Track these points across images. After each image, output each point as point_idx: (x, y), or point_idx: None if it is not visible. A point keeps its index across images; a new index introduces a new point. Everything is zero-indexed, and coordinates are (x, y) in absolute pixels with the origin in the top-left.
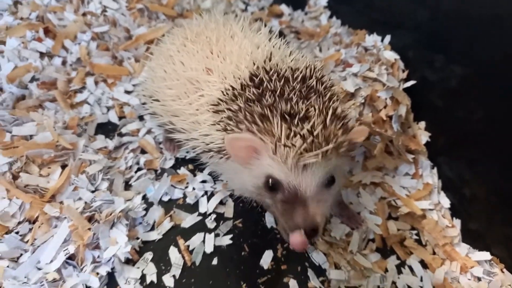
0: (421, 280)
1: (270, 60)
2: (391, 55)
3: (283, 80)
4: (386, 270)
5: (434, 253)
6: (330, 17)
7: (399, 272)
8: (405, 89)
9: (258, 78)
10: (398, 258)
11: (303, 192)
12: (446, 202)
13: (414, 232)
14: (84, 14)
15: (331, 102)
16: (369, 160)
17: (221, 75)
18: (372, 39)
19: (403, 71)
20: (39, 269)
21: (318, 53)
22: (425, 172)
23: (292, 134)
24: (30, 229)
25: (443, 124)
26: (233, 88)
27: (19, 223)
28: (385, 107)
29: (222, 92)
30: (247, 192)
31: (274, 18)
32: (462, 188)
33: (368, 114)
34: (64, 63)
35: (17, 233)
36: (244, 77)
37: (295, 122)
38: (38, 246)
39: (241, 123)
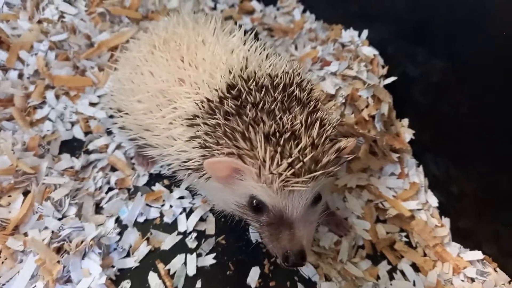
0: (414, 285)
1: (246, 67)
2: (369, 51)
3: (263, 90)
4: (378, 277)
5: (425, 254)
6: (304, 11)
7: (391, 278)
8: (386, 86)
9: (236, 89)
10: (389, 263)
11: (289, 214)
12: (434, 201)
13: (404, 234)
14: (39, 22)
15: (316, 113)
16: (353, 162)
17: (194, 85)
18: (348, 35)
19: (383, 67)
20: None
21: (294, 51)
22: (411, 171)
23: (278, 159)
24: None
25: (426, 120)
26: (209, 100)
27: None
28: (367, 106)
29: (197, 104)
30: (229, 209)
31: (245, 15)
32: (449, 186)
33: (350, 114)
34: (20, 76)
35: None
36: (221, 88)
37: (281, 143)
38: (3, 285)
39: (221, 139)
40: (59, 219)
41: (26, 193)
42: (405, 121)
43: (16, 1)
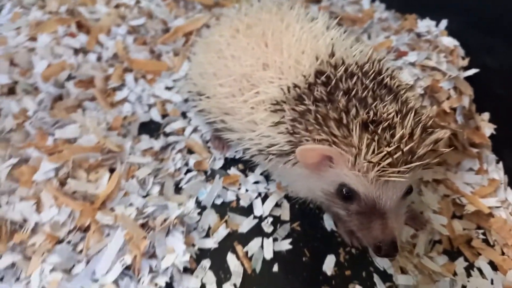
0: (492, 283)
1: (333, 54)
2: (449, 41)
3: (354, 77)
4: (455, 273)
5: (503, 253)
6: (373, 1)
7: (468, 275)
8: (466, 78)
9: (325, 76)
10: (466, 260)
11: (382, 205)
12: None
13: (481, 231)
14: (117, 6)
15: (409, 102)
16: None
17: (278, 71)
18: (425, 24)
19: (463, 58)
20: (95, 280)
21: (367, 41)
22: (490, 167)
23: (375, 147)
24: (82, 238)
25: (508, 114)
26: (296, 86)
27: (70, 232)
28: (447, 98)
29: (282, 89)
30: (312, 196)
31: (313, 3)
32: None
33: (428, 106)
34: (99, 59)
35: (68, 242)
36: (309, 74)
37: (378, 131)
38: (92, 256)
39: (311, 125)
40: (143, 197)
41: (111, 170)
42: (486, 115)
43: None
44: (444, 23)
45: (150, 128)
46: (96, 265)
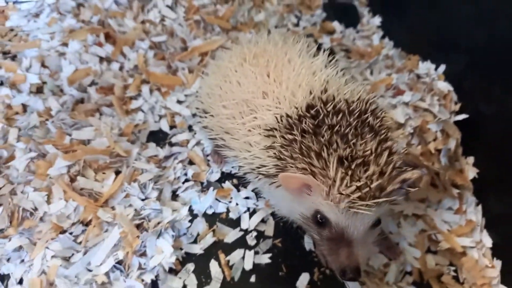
0: None
1: (326, 90)
2: (444, 86)
3: (340, 114)
4: None
5: None
6: (383, 37)
7: None
8: (456, 122)
9: (315, 110)
10: None
11: (350, 233)
12: (488, 241)
13: (452, 268)
14: (143, 22)
15: (386, 142)
16: (413, 192)
17: (275, 100)
18: (425, 67)
19: (456, 103)
20: (89, 270)
21: (369, 76)
22: (469, 209)
23: (348, 181)
24: (83, 231)
25: (493, 160)
26: (288, 116)
27: (73, 224)
28: (434, 139)
29: (276, 118)
30: (292, 217)
31: (326, 35)
32: (507, 228)
33: (416, 145)
34: (121, 68)
35: (70, 233)
36: (301, 106)
37: (352, 167)
38: (90, 248)
39: (296, 154)
40: (142, 200)
41: (117, 173)
42: (471, 159)
43: (123, 1)
44: (442, 67)
45: (158, 137)
46: (92, 257)
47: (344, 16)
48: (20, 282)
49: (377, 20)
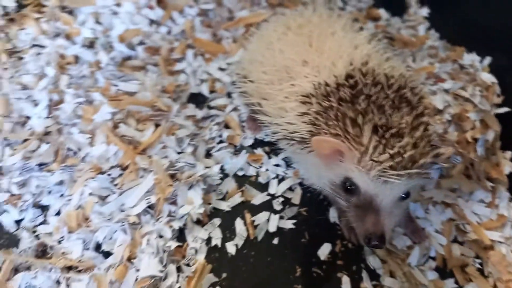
0: None
1: (367, 63)
2: (488, 78)
3: (378, 86)
4: None
5: (495, 286)
6: (429, 29)
7: None
8: (496, 115)
9: (354, 80)
10: (456, 282)
11: (378, 202)
12: None
13: (478, 261)
14: None
15: (423, 117)
16: (444, 179)
17: (315, 68)
18: (470, 58)
19: (498, 96)
20: (122, 211)
21: (411, 63)
22: (501, 203)
23: (381, 149)
24: (120, 175)
25: None
26: (326, 84)
27: (112, 167)
28: (472, 128)
29: (314, 85)
30: (320, 185)
31: (371, 21)
32: None
33: (453, 132)
34: (169, 32)
35: (109, 175)
36: (340, 75)
37: (386, 137)
38: (125, 191)
39: (331, 120)
40: (178, 153)
41: (157, 125)
42: (508, 154)
43: None
44: (488, 59)
45: (197, 100)
46: (126, 199)
47: (391, 4)
48: (58, 213)
49: (425, 11)
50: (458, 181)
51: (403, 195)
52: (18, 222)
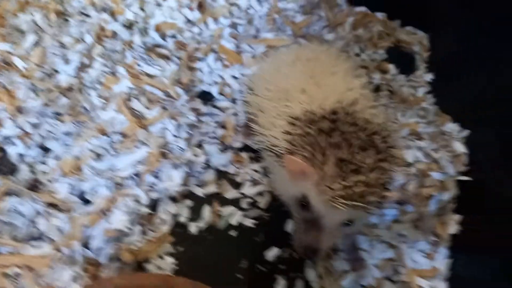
0: None
1: (353, 105)
2: (459, 147)
3: (355, 126)
4: None
5: None
6: (428, 93)
7: None
8: (458, 181)
9: (336, 116)
10: None
11: (323, 221)
12: None
13: None
14: (232, 4)
15: (384, 163)
16: (396, 223)
17: (309, 98)
18: (451, 127)
19: (465, 165)
20: (112, 170)
21: (400, 117)
22: (439, 258)
23: (337, 179)
24: (120, 141)
25: (477, 225)
26: (313, 113)
27: (115, 132)
28: (431, 186)
29: (304, 111)
30: (284, 196)
31: (380, 72)
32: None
33: (415, 185)
34: (199, 33)
35: (110, 138)
36: (326, 109)
37: (345, 171)
38: (119, 155)
39: (305, 145)
40: (174, 136)
41: (164, 108)
42: (457, 217)
43: None
44: (465, 132)
45: (205, 97)
46: (118, 162)
47: (402, 63)
48: (57, 158)
49: (429, 76)
50: (407, 228)
51: (347, 222)
52: (21, 155)
